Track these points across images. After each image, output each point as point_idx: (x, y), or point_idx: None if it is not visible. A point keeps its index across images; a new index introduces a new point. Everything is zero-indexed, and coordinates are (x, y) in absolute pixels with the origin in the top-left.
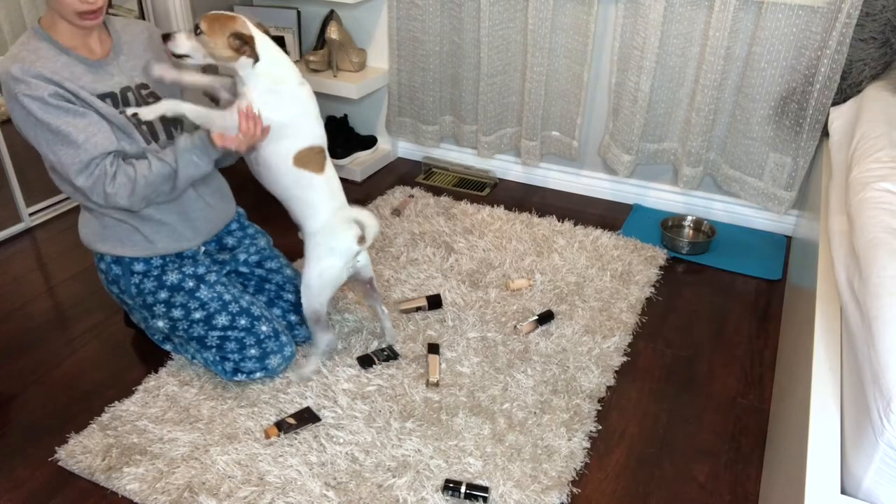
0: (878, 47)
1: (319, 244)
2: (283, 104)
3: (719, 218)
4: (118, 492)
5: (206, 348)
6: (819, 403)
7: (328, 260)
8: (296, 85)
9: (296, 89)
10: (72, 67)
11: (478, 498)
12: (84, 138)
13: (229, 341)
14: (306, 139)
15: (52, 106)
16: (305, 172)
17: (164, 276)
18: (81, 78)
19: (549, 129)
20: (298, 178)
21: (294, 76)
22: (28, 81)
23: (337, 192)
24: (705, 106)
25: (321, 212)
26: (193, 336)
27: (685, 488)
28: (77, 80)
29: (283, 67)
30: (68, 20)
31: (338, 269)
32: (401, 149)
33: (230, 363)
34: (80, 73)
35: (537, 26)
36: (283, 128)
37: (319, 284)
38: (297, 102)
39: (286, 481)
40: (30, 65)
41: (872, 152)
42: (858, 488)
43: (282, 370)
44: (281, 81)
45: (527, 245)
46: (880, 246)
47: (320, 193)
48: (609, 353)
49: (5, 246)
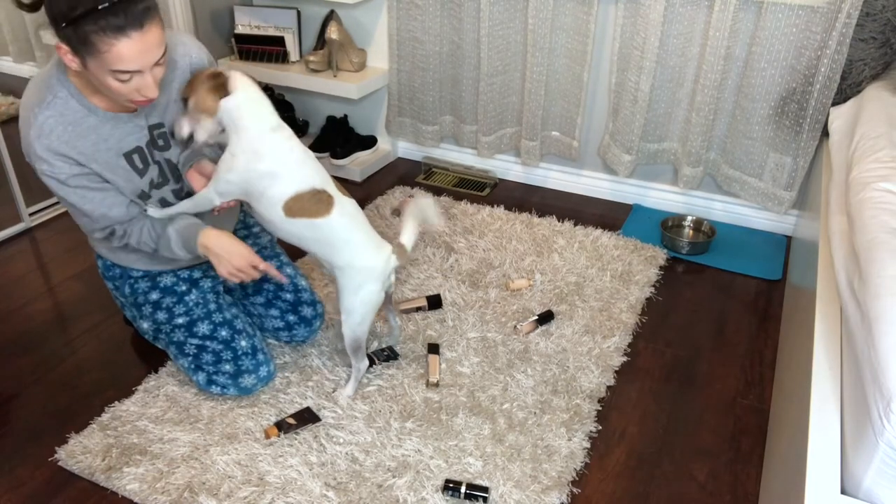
0: (878, 47)
1: (354, 275)
2: (257, 153)
3: (719, 218)
4: (118, 492)
5: (184, 355)
6: (819, 403)
7: (367, 287)
8: (268, 130)
9: (268, 135)
10: (99, 130)
11: (478, 498)
12: (99, 214)
13: (206, 352)
14: (291, 186)
15: (70, 187)
16: (305, 220)
17: (158, 277)
18: (108, 140)
19: (549, 129)
20: (298, 225)
21: (268, 119)
22: (52, 163)
23: (358, 221)
24: (705, 106)
25: (347, 248)
26: (173, 341)
27: (685, 488)
28: (104, 143)
29: (257, 108)
30: (112, 100)
31: (377, 292)
32: (401, 149)
33: (204, 374)
34: (105, 134)
35: (537, 26)
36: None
37: (362, 313)
38: (270, 149)
39: (286, 481)
40: (56, 140)
41: (872, 152)
42: (858, 488)
43: (256, 390)
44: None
45: (527, 245)
46: (880, 246)
47: (339, 233)
48: (609, 353)
49: (5, 246)
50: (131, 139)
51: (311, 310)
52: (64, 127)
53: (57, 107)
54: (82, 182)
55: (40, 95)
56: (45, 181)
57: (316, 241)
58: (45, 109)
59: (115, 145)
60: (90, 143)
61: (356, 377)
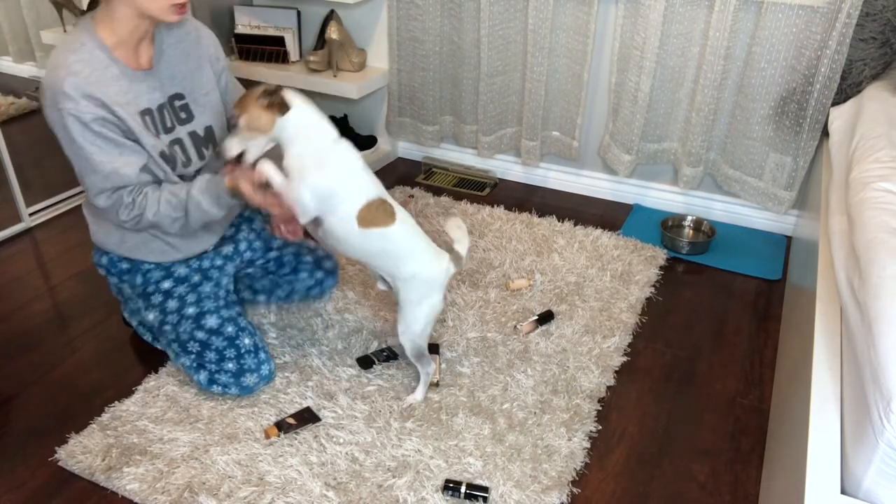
0: (878, 47)
1: (418, 286)
2: (324, 165)
3: (719, 218)
4: (118, 492)
5: (186, 353)
6: (819, 403)
7: (430, 299)
8: (331, 142)
9: (332, 147)
10: (119, 82)
11: (478, 498)
12: (111, 170)
13: (209, 350)
14: (362, 196)
15: (92, 132)
16: (377, 230)
17: (171, 267)
18: (126, 94)
19: (549, 129)
20: (372, 236)
21: (329, 132)
22: (78, 101)
23: (417, 230)
24: (705, 106)
25: (412, 257)
26: (178, 336)
27: (685, 488)
28: (123, 95)
29: (317, 122)
30: (154, 16)
31: (439, 303)
32: (401, 149)
33: (206, 373)
34: (124, 88)
35: (537, 26)
36: (333, 195)
37: (424, 324)
38: (337, 161)
39: (286, 481)
40: (83, 80)
41: (872, 152)
42: (858, 488)
43: (258, 389)
44: (314, 137)
45: (527, 245)
46: (880, 246)
47: (405, 241)
48: (609, 353)
49: (5, 246)
50: (145, 99)
51: (330, 262)
52: (91, 70)
53: (85, 53)
54: (103, 129)
55: (70, 45)
56: (68, 124)
57: (385, 254)
58: (74, 54)
59: (133, 100)
60: (114, 91)
61: (425, 381)
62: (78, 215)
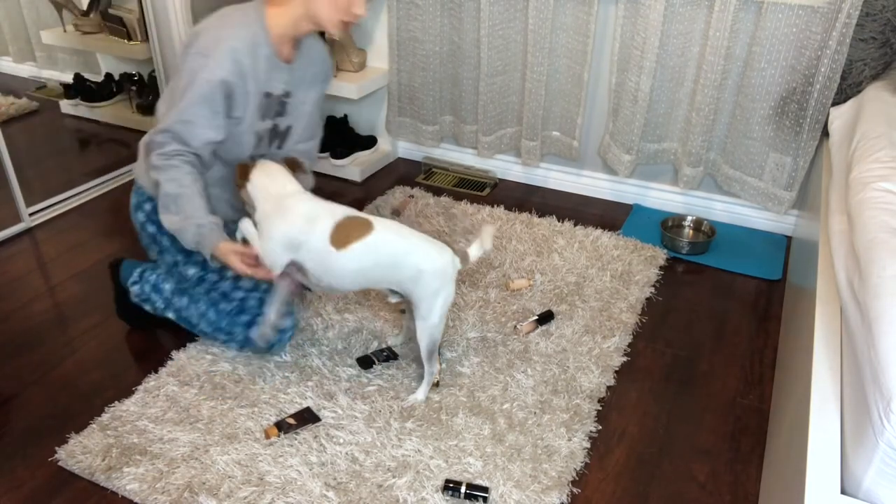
0: (878, 47)
1: (429, 281)
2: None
3: (719, 218)
4: (118, 492)
5: (227, 301)
6: (819, 403)
7: (444, 292)
8: (287, 194)
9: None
10: (265, 63)
11: (478, 498)
12: (190, 120)
13: (251, 299)
14: (327, 222)
15: (207, 91)
16: (358, 243)
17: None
18: (264, 74)
19: (549, 129)
20: (357, 252)
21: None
22: (223, 62)
23: (406, 229)
24: (705, 106)
25: (410, 254)
26: (219, 288)
27: (685, 488)
28: (263, 74)
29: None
30: (322, 25)
31: (452, 292)
32: (401, 149)
33: (247, 316)
34: (265, 69)
35: (537, 26)
36: (299, 233)
37: (441, 315)
38: (294, 204)
39: (286, 481)
40: (241, 48)
41: (872, 152)
42: (858, 488)
43: (287, 341)
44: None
45: (527, 245)
46: (880, 246)
47: (394, 243)
48: (609, 353)
49: (5, 246)
50: (274, 84)
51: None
52: (250, 44)
53: (251, 29)
54: (217, 96)
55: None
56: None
57: (379, 267)
58: (242, 27)
59: (265, 82)
60: (260, 68)
61: (428, 381)
62: (78, 215)
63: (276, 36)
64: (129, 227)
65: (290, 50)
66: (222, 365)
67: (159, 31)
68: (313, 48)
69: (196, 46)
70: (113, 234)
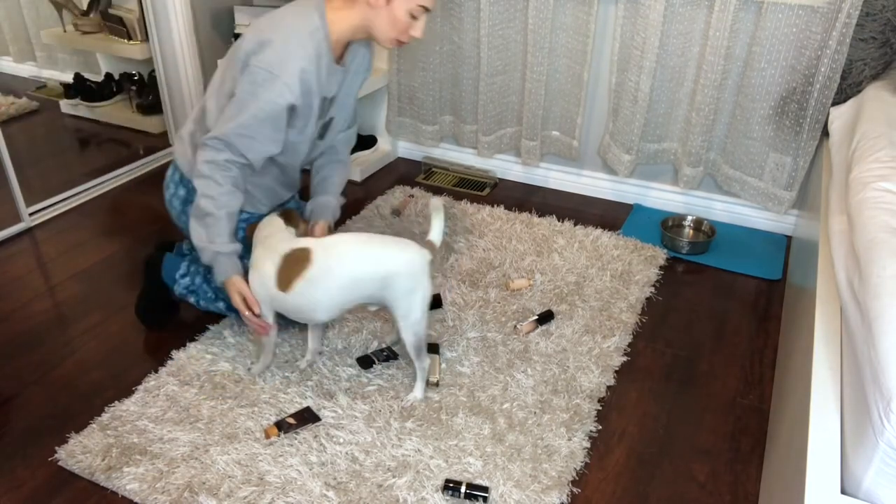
0: (878, 47)
1: (402, 281)
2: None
3: (719, 218)
4: (118, 492)
5: None
6: (819, 403)
7: (420, 286)
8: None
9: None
10: (326, 69)
11: (478, 498)
12: (252, 141)
13: None
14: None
15: (273, 112)
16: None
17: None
18: (325, 79)
19: (549, 128)
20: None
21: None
22: (294, 87)
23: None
24: (705, 106)
25: (369, 262)
26: None
27: (685, 488)
28: (325, 79)
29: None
30: (377, 38)
31: (428, 285)
32: (401, 149)
33: None
34: (325, 76)
35: (537, 26)
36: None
37: (422, 311)
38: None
39: (286, 481)
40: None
41: (872, 152)
42: (858, 488)
43: None
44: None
45: (527, 245)
46: (880, 246)
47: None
48: (609, 352)
49: (5, 246)
50: (332, 88)
51: None
52: (317, 64)
53: (318, 37)
54: (283, 113)
55: (305, 24)
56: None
57: (342, 289)
58: (310, 40)
59: (325, 87)
60: (323, 76)
61: (422, 377)
62: (78, 215)
63: (335, 42)
64: (130, 226)
65: (343, 54)
66: (222, 365)
67: (159, 30)
68: (364, 53)
69: (262, 59)
70: (113, 233)
